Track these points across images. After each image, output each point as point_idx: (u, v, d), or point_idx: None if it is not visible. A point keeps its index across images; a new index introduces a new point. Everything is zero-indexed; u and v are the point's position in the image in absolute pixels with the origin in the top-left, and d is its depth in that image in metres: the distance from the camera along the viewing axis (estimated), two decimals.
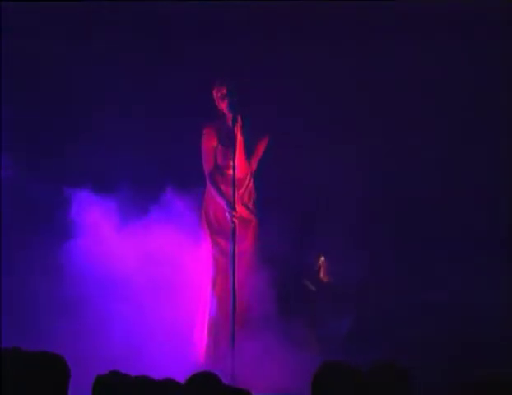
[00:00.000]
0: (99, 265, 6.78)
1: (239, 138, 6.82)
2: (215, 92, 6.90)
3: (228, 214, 6.79)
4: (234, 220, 6.76)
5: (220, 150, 6.94)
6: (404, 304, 7.06)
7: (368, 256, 7.24)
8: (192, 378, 3.68)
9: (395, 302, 7.11)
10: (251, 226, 6.96)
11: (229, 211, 6.78)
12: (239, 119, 6.82)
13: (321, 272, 7.50)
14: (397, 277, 7.25)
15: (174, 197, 6.90)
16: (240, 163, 6.83)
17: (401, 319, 6.94)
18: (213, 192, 6.91)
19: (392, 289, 7.22)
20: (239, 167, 6.78)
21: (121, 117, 7.30)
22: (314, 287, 7.46)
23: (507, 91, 7.20)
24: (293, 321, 6.73)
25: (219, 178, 6.94)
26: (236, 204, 6.79)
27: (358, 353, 5.86)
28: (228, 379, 6.08)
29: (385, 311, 7.08)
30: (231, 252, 6.69)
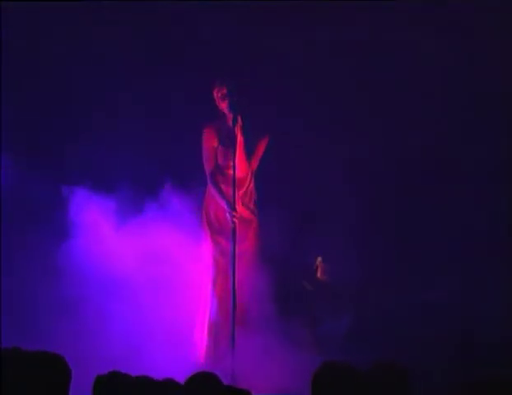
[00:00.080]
0: (99, 265, 6.78)
1: (239, 138, 6.82)
2: (215, 92, 6.90)
3: (228, 214, 6.79)
4: (234, 220, 6.77)
5: (220, 150, 6.94)
6: (404, 304, 7.06)
7: (368, 256, 7.24)
8: (192, 378, 3.68)
9: (395, 302, 7.10)
10: (252, 226, 6.96)
11: (229, 212, 6.78)
12: (239, 119, 6.82)
13: (318, 273, 7.51)
14: (397, 277, 7.25)
15: (174, 197, 6.90)
16: (241, 163, 6.83)
17: (401, 319, 6.93)
18: (214, 192, 6.91)
19: (392, 289, 7.21)
20: (239, 167, 6.78)
21: (121, 117, 7.30)
22: (312, 287, 7.47)
23: (507, 91, 7.19)
24: (293, 321, 6.74)
25: (220, 178, 6.94)
26: (237, 204, 6.79)
27: (358, 353, 5.85)
28: (228, 379, 6.08)
29: (385, 311, 7.08)
30: (231, 252, 6.70)
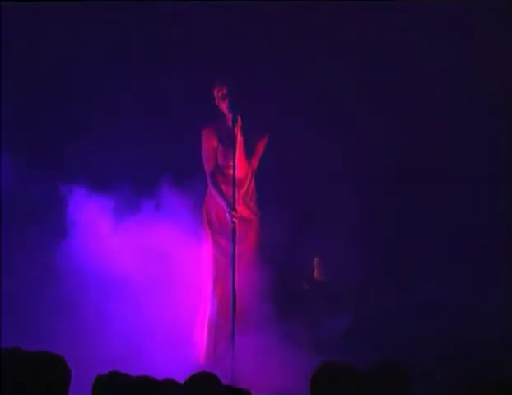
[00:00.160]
0: (99, 265, 6.78)
1: (239, 138, 6.82)
2: (215, 92, 6.89)
3: (228, 214, 6.79)
4: (234, 220, 6.76)
5: (220, 150, 6.94)
6: (404, 304, 7.06)
7: (368, 256, 7.24)
8: (192, 378, 3.68)
9: (395, 302, 7.10)
10: (252, 226, 6.96)
11: (229, 211, 6.78)
12: (239, 119, 6.82)
13: (315, 273, 7.51)
14: (397, 277, 7.25)
15: (174, 197, 6.90)
16: (240, 163, 6.83)
17: (401, 319, 6.93)
18: (214, 192, 6.91)
19: (392, 289, 7.21)
20: (239, 167, 6.78)
21: (121, 117, 7.30)
22: (310, 287, 7.48)
23: (507, 91, 7.19)
24: (293, 321, 6.73)
25: (220, 178, 6.93)
26: (237, 204, 6.79)
27: (358, 353, 5.84)
28: (228, 379, 6.09)
29: (385, 311, 7.08)
30: (231, 252, 6.69)
